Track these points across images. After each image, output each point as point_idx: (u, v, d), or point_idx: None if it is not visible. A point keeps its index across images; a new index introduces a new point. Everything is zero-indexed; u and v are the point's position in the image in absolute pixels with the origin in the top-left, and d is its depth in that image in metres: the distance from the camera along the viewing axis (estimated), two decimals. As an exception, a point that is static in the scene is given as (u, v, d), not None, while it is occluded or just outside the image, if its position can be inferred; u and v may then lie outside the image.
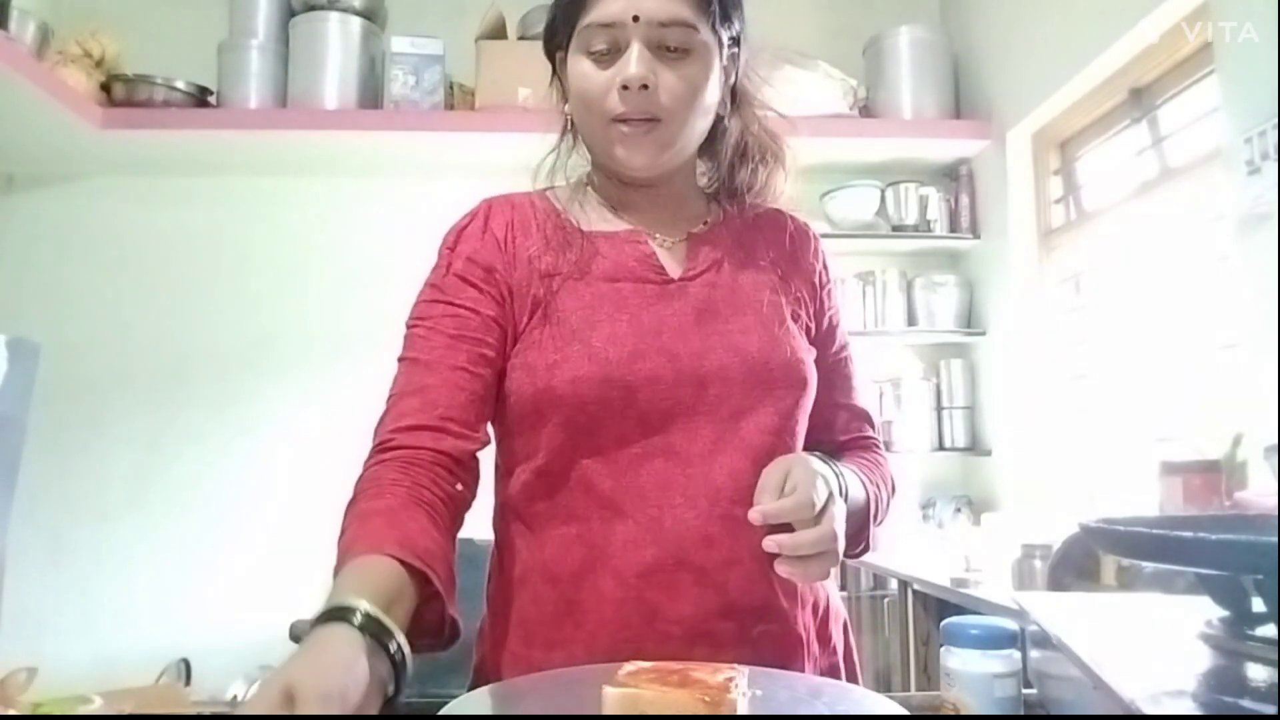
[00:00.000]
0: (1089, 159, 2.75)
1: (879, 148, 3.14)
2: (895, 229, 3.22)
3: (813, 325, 0.99)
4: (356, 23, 2.98)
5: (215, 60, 2.99)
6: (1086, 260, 2.72)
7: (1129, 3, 2.28)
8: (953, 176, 3.25)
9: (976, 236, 3.16)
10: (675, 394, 0.88)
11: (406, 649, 0.65)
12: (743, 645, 0.84)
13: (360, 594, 0.65)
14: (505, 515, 0.93)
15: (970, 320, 3.20)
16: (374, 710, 0.61)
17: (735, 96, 0.98)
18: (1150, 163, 2.40)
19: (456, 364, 0.87)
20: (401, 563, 0.71)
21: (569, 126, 0.99)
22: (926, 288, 3.18)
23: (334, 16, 2.96)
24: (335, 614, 0.63)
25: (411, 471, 0.80)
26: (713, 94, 0.93)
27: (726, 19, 0.91)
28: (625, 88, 0.87)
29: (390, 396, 0.87)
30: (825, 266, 1.03)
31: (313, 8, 2.97)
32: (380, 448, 0.83)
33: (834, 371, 1.01)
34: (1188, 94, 2.26)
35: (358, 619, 0.63)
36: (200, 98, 2.97)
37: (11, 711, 0.65)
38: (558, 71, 0.98)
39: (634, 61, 0.87)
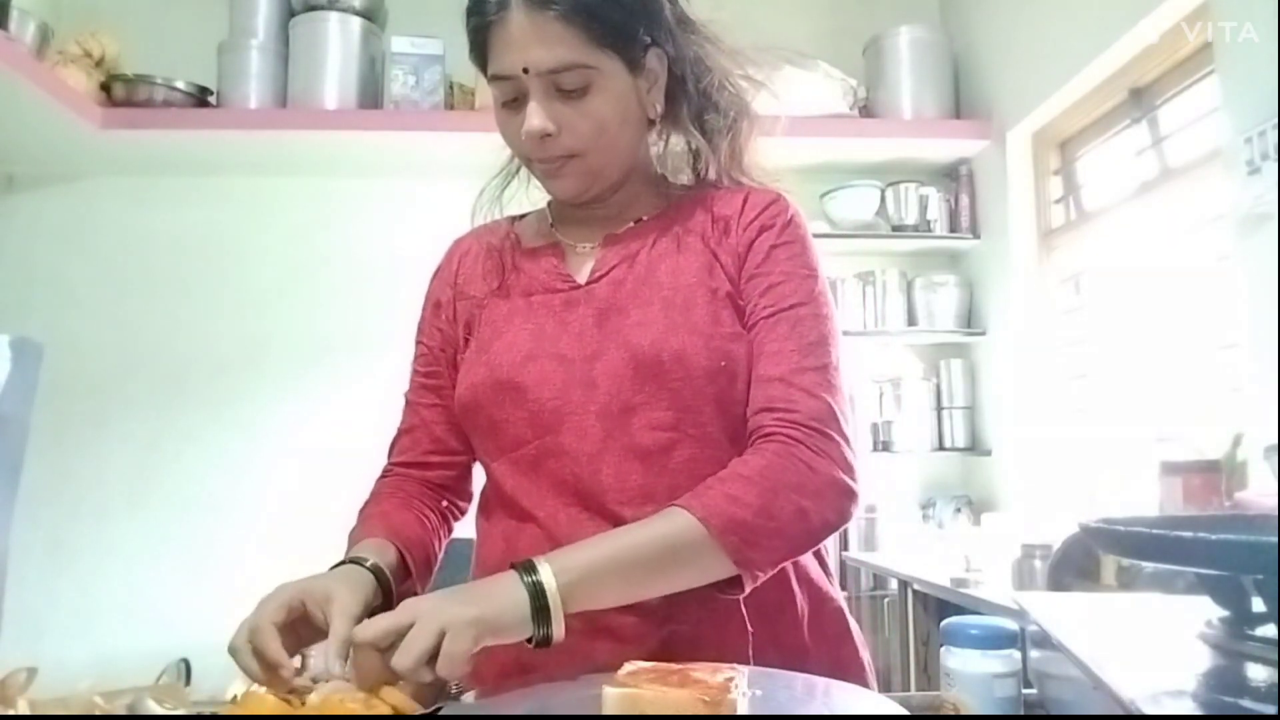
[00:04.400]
0: (1089, 159, 2.75)
1: (879, 148, 3.14)
2: (895, 229, 3.22)
3: (741, 299, 0.93)
4: (356, 23, 2.98)
5: (215, 60, 2.99)
6: (1086, 260, 2.72)
7: (1129, 3, 2.28)
8: (953, 176, 3.25)
9: (976, 236, 3.17)
10: (565, 395, 0.90)
11: (394, 585, 0.86)
12: (649, 642, 0.84)
13: (367, 554, 0.86)
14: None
15: (970, 320, 3.20)
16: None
17: (688, 79, 0.95)
18: (1150, 163, 2.40)
19: (430, 402, 1.01)
20: (391, 544, 0.90)
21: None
22: (926, 288, 3.19)
23: (334, 16, 2.96)
24: (350, 561, 0.85)
25: (405, 487, 1.00)
26: (629, 114, 0.91)
27: (627, 37, 0.88)
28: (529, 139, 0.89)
29: (396, 430, 1.04)
30: (766, 228, 0.93)
31: (313, 8, 2.98)
32: (383, 473, 1.02)
33: (751, 342, 0.91)
34: (1188, 94, 2.27)
35: (369, 564, 0.85)
36: (200, 98, 2.97)
37: (11, 711, 0.65)
38: None
39: (530, 114, 0.87)
